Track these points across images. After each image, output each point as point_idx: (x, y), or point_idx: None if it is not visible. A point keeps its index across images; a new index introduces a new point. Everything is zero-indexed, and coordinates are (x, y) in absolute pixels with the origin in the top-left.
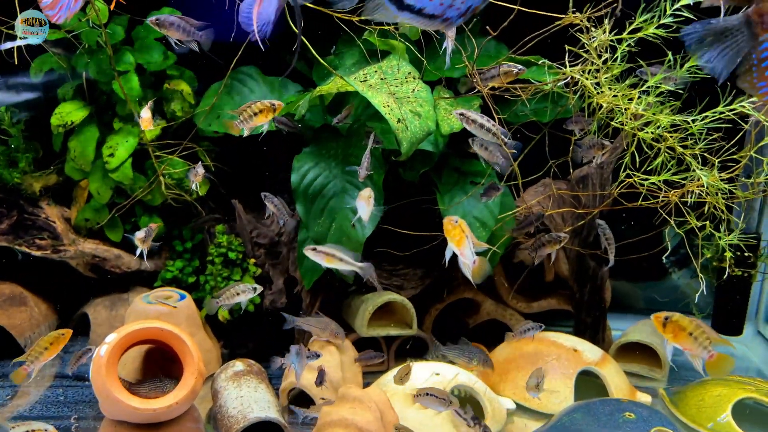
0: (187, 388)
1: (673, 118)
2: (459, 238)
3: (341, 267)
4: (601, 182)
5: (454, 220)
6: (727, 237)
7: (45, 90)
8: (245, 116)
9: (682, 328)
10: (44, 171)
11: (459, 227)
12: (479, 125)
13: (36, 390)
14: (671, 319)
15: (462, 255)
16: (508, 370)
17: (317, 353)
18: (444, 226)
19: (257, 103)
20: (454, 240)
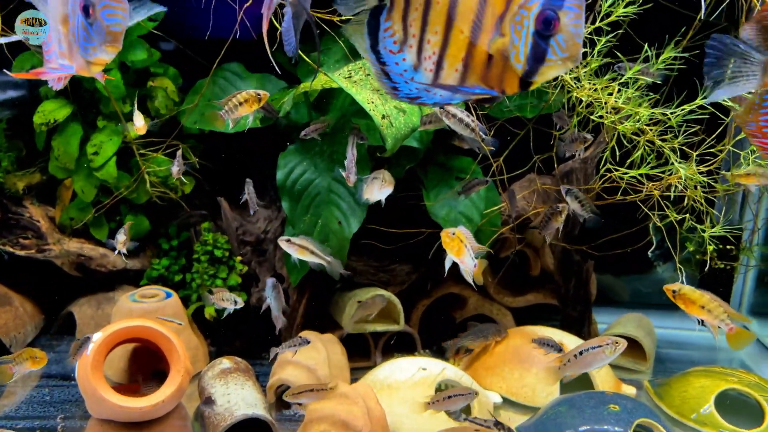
0: (173, 386)
1: (652, 111)
2: (458, 248)
3: (312, 260)
4: (586, 177)
5: (451, 232)
6: (709, 229)
7: (27, 88)
8: (230, 107)
9: (692, 300)
10: (27, 170)
11: (457, 238)
12: (458, 120)
13: (22, 390)
14: (680, 291)
15: (463, 264)
16: (495, 364)
17: (307, 339)
18: (442, 240)
19: (242, 93)
20: (453, 251)
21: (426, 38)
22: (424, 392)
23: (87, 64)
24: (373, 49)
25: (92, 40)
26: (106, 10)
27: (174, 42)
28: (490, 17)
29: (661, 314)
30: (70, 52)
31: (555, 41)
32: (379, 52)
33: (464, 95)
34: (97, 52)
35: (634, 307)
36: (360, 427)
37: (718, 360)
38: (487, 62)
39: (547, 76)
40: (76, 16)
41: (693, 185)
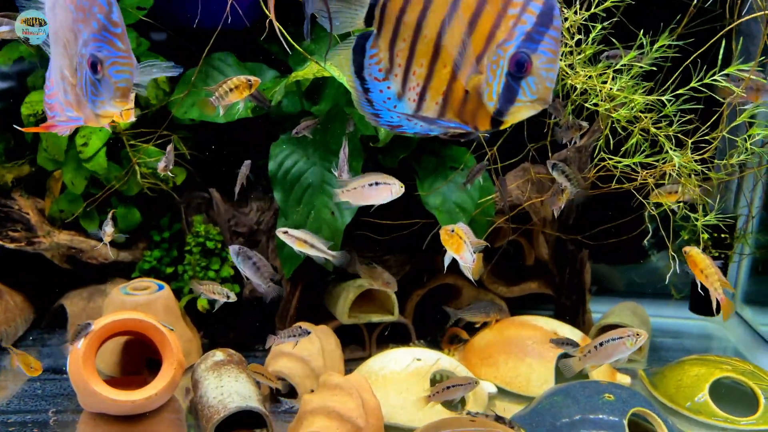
0: (166, 379)
1: (647, 98)
2: (457, 245)
3: (313, 253)
4: (580, 166)
5: (450, 229)
6: (702, 218)
7: (15, 79)
8: (221, 93)
9: (696, 263)
10: (16, 162)
11: (456, 235)
12: None
13: (13, 384)
14: (689, 252)
15: (462, 260)
16: (490, 355)
17: (307, 330)
18: (441, 237)
19: (233, 79)
20: (452, 248)
21: (412, 69)
22: (419, 383)
23: (95, 116)
24: (358, 74)
25: (100, 95)
26: (114, 66)
27: (164, 31)
28: (471, 54)
29: (656, 303)
30: (77, 103)
31: (526, 83)
32: (364, 78)
33: (441, 128)
34: (106, 106)
35: (629, 296)
36: (355, 418)
37: (712, 348)
38: (464, 98)
39: (517, 117)
40: (83, 71)
41: (687, 173)
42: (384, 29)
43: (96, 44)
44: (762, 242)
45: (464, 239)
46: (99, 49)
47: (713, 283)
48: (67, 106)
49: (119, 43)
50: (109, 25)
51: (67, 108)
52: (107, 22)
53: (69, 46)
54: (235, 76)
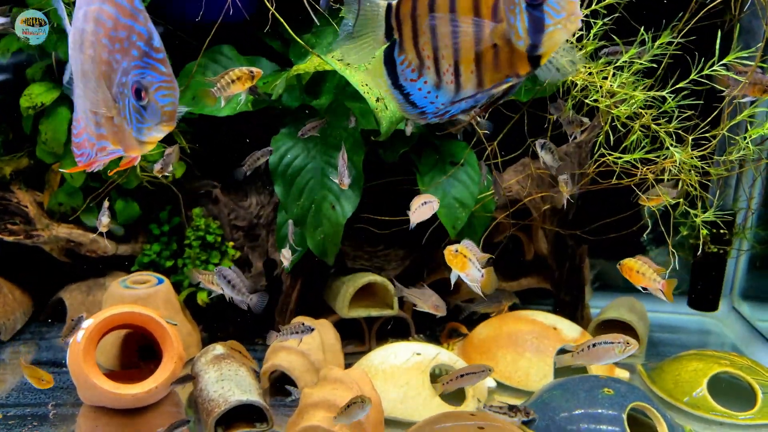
0: (166, 373)
1: (648, 94)
2: (462, 263)
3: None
4: (580, 161)
5: (454, 249)
6: (702, 215)
7: (13, 71)
8: (222, 84)
9: (630, 270)
10: (15, 154)
11: (460, 255)
12: None
13: (12, 377)
14: (623, 264)
15: (469, 276)
16: (489, 349)
17: (311, 327)
18: (446, 258)
19: (235, 70)
20: (457, 267)
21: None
22: (419, 377)
23: (140, 143)
24: (395, 85)
25: (146, 121)
26: (160, 91)
27: (163, 24)
28: (486, 10)
29: (654, 298)
30: (114, 135)
31: (548, 6)
32: (401, 86)
33: (485, 94)
34: (152, 132)
35: (627, 291)
36: None
37: (709, 343)
38: (494, 53)
39: (552, 43)
40: (126, 99)
41: (687, 169)
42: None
43: (138, 71)
44: (761, 237)
45: (469, 257)
46: (142, 76)
47: (651, 275)
48: (100, 140)
49: (162, 68)
50: (151, 52)
51: (102, 141)
52: (149, 49)
53: (106, 79)
54: (237, 68)
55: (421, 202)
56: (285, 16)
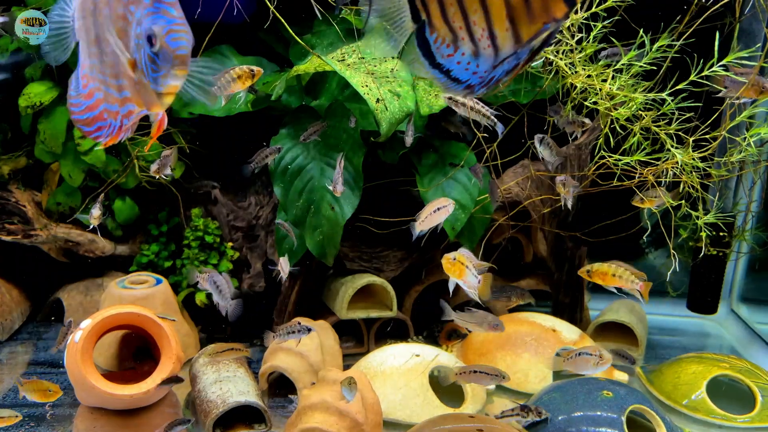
0: (164, 374)
1: (647, 96)
2: (460, 271)
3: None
4: (580, 163)
5: (452, 257)
6: (704, 217)
7: (12, 70)
8: (222, 83)
9: (605, 273)
10: (13, 153)
11: (458, 263)
12: (469, 108)
13: (9, 377)
14: (593, 269)
15: (466, 283)
16: (488, 350)
17: (308, 327)
18: (443, 266)
19: (235, 69)
20: (455, 275)
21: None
22: (418, 379)
23: (158, 97)
24: (434, 65)
25: (160, 69)
26: (170, 35)
27: None
28: None
29: (653, 300)
30: (138, 94)
31: None
32: (440, 65)
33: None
34: (168, 80)
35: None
36: (354, 413)
37: (708, 346)
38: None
39: None
40: (142, 51)
41: (689, 170)
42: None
43: (150, 18)
44: (760, 240)
45: (467, 264)
46: (154, 22)
47: (629, 277)
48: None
49: (173, 11)
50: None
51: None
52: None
53: (123, 36)
54: (238, 66)
55: (435, 207)
56: (285, 16)
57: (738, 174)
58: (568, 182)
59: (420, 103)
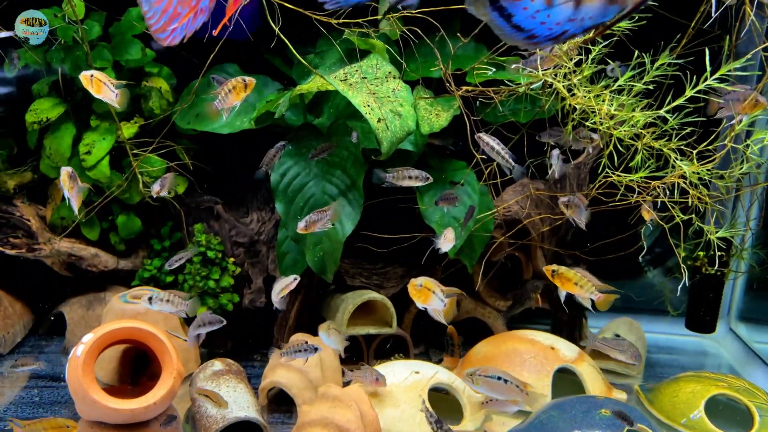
0: (165, 388)
1: (646, 114)
2: (425, 297)
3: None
4: (579, 182)
5: (418, 284)
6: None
7: (19, 86)
8: (222, 96)
9: (568, 278)
10: (19, 168)
11: (424, 289)
12: (491, 147)
13: (10, 391)
14: (558, 271)
15: (431, 306)
16: None
17: (315, 347)
18: (410, 292)
19: (231, 81)
20: (420, 300)
21: None
22: (418, 396)
23: None
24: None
25: None
26: None
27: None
28: None
29: (651, 319)
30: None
31: None
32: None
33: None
34: None
35: (624, 312)
36: (353, 430)
37: (706, 365)
38: None
39: None
40: None
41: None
42: None
43: None
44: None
45: (433, 290)
46: None
47: (590, 288)
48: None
49: None
50: None
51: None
52: None
53: None
54: (233, 78)
55: None
56: (288, 35)
57: (735, 195)
58: (573, 202)
59: (421, 122)
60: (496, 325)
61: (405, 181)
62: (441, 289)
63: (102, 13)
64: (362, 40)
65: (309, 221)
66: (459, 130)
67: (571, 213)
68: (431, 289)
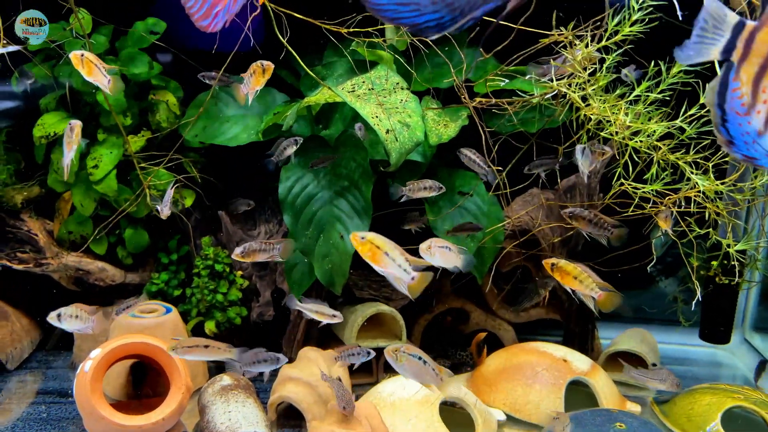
0: (174, 404)
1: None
2: (371, 253)
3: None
4: (589, 192)
5: (360, 236)
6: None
7: (26, 100)
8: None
9: (567, 272)
10: (26, 183)
11: (368, 242)
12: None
13: (18, 407)
14: (557, 264)
15: (387, 273)
16: (498, 381)
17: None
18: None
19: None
20: (367, 257)
21: None
22: (428, 410)
23: None
24: (720, 106)
25: None
26: None
27: (175, 54)
28: None
29: (664, 329)
30: None
31: None
32: (725, 111)
33: None
34: None
35: (637, 323)
36: None
37: (721, 376)
38: None
39: None
40: None
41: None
42: (748, 62)
43: None
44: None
45: (384, 248)
46: None
47: (590, 285)
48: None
49: None
50: None
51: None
52: None
53: None
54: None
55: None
56: (295, 46)
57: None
58: (578, 214)
59: (429, 132)
60: (506, 337)
61: (420, 193)
62: (405, 257)
63: (109, 27)
64: (370, 51)
65: (248, 249)
66: (467, 140)
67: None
68: (382, 249)
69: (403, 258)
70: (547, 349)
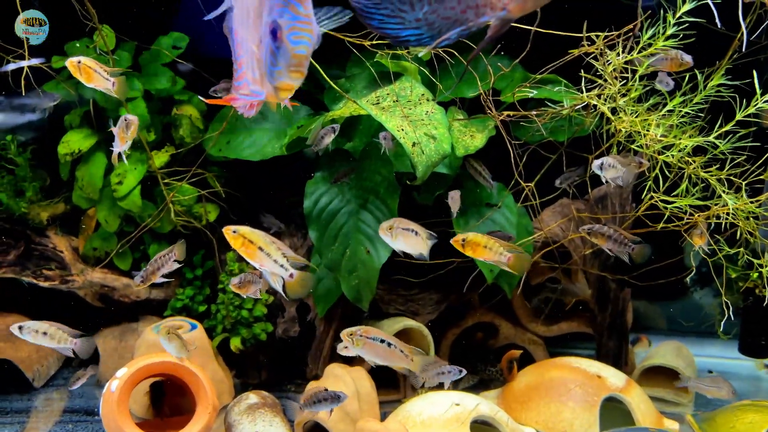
0: (201, 423)
1: (695, 140)
2: (244, 248)
3: None
4: (621, 202)
5: (232, 230)
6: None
7: (51, 117)
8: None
9: (477, 243)
10: (51, 200)
11: (239, 236)
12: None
13: (45, 425)
14: (467, 239)
15: (263, 270)
16: (530, 398)
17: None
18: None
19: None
20: (241, 252)
21: None
22: (459, 429)
23: (274, 90)
24: None
25: (277, 64)
26: (293, 32)
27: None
28: None
29: (700, 341)
30: (261, 78)
31: None
32: None
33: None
34: (282, 77)
35: (672, 335)
36: None
37: (761, 390)
38: None
39: None
40: (266, 39)
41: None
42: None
43: (279, 9)
44: None
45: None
46: (281, 15)
47: (498, 250)
48: (253, 84)
49: (300, 8)
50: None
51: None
52: None
53: (258, 17)
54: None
55: None
56: (318, 59)
57: None
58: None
59: (456, 144)
60: (537, 352)
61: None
62: (282, 252)
63: (132, 43)
64: (394, 63)
65: (244, 280)
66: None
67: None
68: (257, 244)
69: (280, 254)
70: (580, 364)
